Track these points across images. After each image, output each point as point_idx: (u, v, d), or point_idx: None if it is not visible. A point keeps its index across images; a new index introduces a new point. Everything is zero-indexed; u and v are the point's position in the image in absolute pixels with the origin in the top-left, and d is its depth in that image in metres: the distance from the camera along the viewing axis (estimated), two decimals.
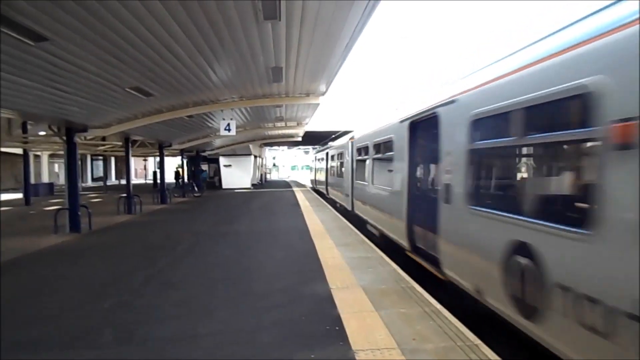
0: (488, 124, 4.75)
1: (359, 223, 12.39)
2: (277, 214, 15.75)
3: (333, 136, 28.25)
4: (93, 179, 43.76)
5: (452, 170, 5.56)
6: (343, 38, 7.89)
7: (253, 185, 35.60)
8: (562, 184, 3.97)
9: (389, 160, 8.88)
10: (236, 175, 33.58)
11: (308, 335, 4.32)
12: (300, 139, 31.53)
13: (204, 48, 7.78)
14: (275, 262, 7.73)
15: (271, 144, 44.90)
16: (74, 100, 9.67)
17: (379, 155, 10.09)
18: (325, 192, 23.86)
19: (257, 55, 8.58)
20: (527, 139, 3.95)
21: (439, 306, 5.08)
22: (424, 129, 7.07)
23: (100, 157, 42.72)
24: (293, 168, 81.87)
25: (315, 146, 43.66)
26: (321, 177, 26.63)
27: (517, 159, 4.73)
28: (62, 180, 15.59)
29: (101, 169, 44.35)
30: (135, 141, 21.27)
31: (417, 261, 7.17)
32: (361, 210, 12.44)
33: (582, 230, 3.06)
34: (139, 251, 9.15)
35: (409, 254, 7.62)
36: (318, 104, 14.14)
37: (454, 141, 5.49)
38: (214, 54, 8.26)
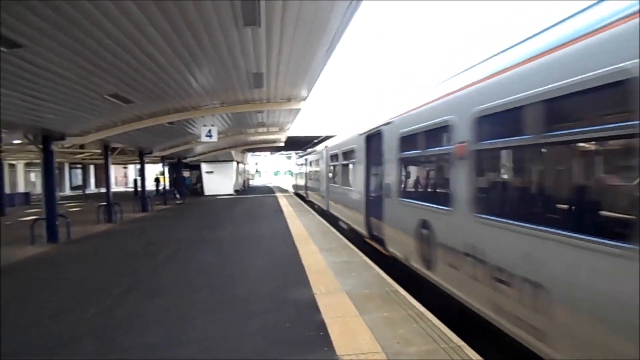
0: (409, 140, 6.71)
1: (334, 220, 14.23)
2: (260, 219, 15.67)
3: (315, 141, 29.00)
4: (72, 188, 42.82)
5: (390, 172, 7.65)
6: (323, 44, 7.93)
7: (236, 191, 35.38)
8: (438, 180, 6.16)
9: (353, 165, 11.07)
10: (218, 181, 33.33)
11: (292, 341, 4.31)
12: (282, 144, 31.43)
13: (183, 54, 7.72)
14: (258, 268, 7.68)
15: (253, 150, 44.68)
16: (50, 108, 9.47)
17: (346, 162, 12.13)
18: (305, 195, 26.38)
19: (237, 61, 8.56)
20: (426, 151, 6.15)
21: (422, 309, 5.11)
22: (374, 141, 8.85)
23: (79, 165, 41.91)
24: (276, 173, 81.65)
25: (298, 151, 43.80)
26: (301, 181, 29.55)
27: (422, 165, 6.96)
28: (39, 189, 15.23)
29: (80, 177, 43.50)
30: (115, 149, 20.98)
31: (391, 256, 7.23)
32: (334, 209, 14.50)
33: (448, 208, 5.15)
34: (119, 260, 8.97)
35: (367, 240, 9.57)
36: (299, 109, 14.16)
37: (391, 151, 7.55)
38: (194, 60, 8.20)
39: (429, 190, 6.46)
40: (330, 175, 15.25)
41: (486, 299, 4.19)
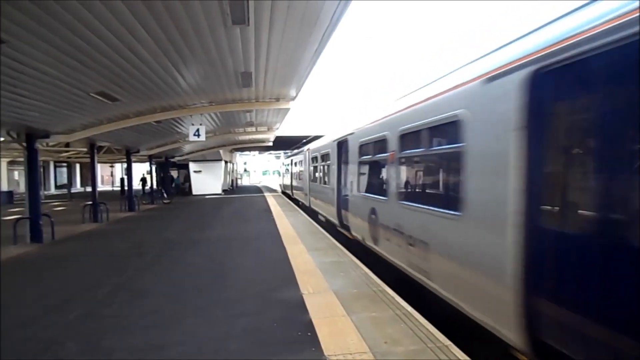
0: (364, 147, 8.85)
1: (314, 215, 16.27)
2: (249, 219, 15.61)
3: (304, 141, 29.23)
4: (57, 187, 42.20)
5: (352, 172, 9.81)
6: (312, 43, 7.92)
7: (224, 191, 35.23)
8: (380, 178, 7.92)
9: (328, 166, 13.29)
10: (206, 181, 33.17)
11: (279, 342, 4.29)
12: (271, 143, 31.37)
13: (171, 52, 7.64)
14: (246, 269, 7.64)
15: (242, 149, 44.49)
16: (35, 106, 9.30)
17: (323, 163, 14.27)
18: (290, 193, 28.71)
19: (226, 60, 8.50)
20: (374, 157, 8.20)
21: (410, 309, 5.14)
22: (343, 147, 10.89)
23: (64, 164, 41.24)
24: (264, 173, 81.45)
25: (287, 151, 43.82)
26: (287, 181, 31.88)
27: (372, 166, 8.73)
28: (22, 188, 14.94)
29: (65, 176, 42.82)
30: (101, 147, 20.70)
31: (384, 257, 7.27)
32: (314, 204, 16.75)
33: (385, 198, 7.19)
34: (105, 260, 8.86)
35: (340, 230, 11.58)
36: (288, 109, 14.09)
37: (353, 156, 9.63)
38: (181, 59, 8.12)
39: (375, 186, 8.22)
40: (311, 175, 17.60)
41: (405, 258, 6.23)
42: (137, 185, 30.76)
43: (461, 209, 4.53)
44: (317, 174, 15.92)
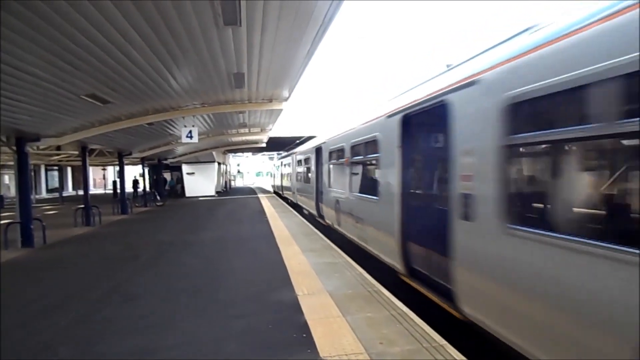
0: (332, 154, 11.48)
1: (298, 209, 19.39)
2: (243, 221, 15.56)
3: (297, 142, 29.45)
4: (48, 190, 41.77)
5: (325, 173, 12.48)
6: (305, 43, 7.90)
7: (217, 192, 35.11)
8: (342, 177, 10.24)
9: (309, 168, 16.18)
10: (199, 182, 33.05)
11: (274, 343, 4.27)
12: (264, 145, 31.30)
13: (162, 53, 7.59)
14: (241, 271, 7.61)
15: (235, 151, 44.39)
16: (24, 109, 9.19)
17: (307, 166, 17.02)
18: (280, 192, 31.89)
19: (218, 61, 8.46)
20: (338, 161, 10.64)
21: (405, 309, 5.13)
22: (319, 152, 13.57)
23: (56, 167, 40.88)
24: (258, 174, 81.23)
25: (280, 152, 43.85)
26: (277, 181, 35.35)
27: (337, 169, 11.07)
28: (13, 192, 14.76)
29: (57, 179, 42.45)
30: (93, 150, 20.52)
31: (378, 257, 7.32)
32: (300, 200, 19.89)
33: (344, 191, 9.89)
34: (98, 264, 8.78)
35: (318, 219, 14.34)
36: (281, 110, 14.07)
37: (325, 160, 12.42)
38: (173, 60, 8.07)
39: (339, 183, 10.72)
40: (297, 175, 20.60)
41: (355, 233, 8.85)
42: (129, 187, 30.49)
43: (377, 195, 7.31)
44: (301, 175, 19.22)
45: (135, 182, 31.30)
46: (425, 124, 5.90)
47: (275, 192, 37.00)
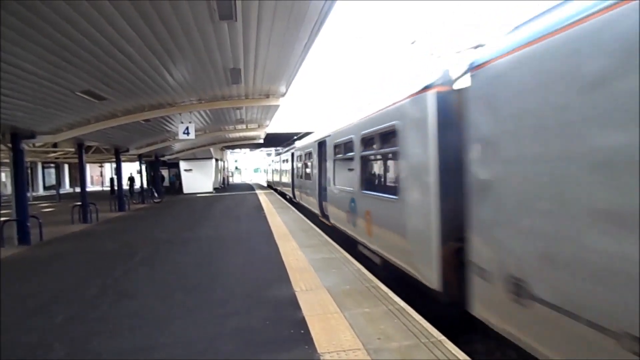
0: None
1: (291, 202, 20.69)
2: (240, 217, 15.53)
3: (295, 138, 29.48)
4: (45, 188, 41.62)
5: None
6: (301, 38, 7.85)
7: (215, 189, 35.08)
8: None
9: (310, 164, 15.44)
10: (197, 179, 33.03)
11: (272, 340, 4.25)
12: (262, 141, 31.27)
13: (158, 49, 7.52)
14: (238, 267, 7.59)
15: (232, 147, 44.29)
16: (19, 105, 9.12)
17: (307, 161, 16.53)
18: (278, 188, 31.73)
19: (214, 56, 8.40)
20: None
21: (403, 304, 5.12)
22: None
23: (53, 165, 40.68)
24: (256, 170, 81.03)
25: (278, 148, 43.85)
26: (276, 178, 34.56)
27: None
28: (9, 189, 14.66)
29: (54, 176, 42.24)
30: (89, 147, 20.45)
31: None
32: (299, 197, 19.36)
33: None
34: (94, 261, 8.73)
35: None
36: (278, 106, 14.02)
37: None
38: (169, 56, 8.01)
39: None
40: (296, 171, 19.87)
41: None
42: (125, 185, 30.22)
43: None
44: (301, 171, 18.97)
45: (131, 180, 30.86)
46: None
47: (270, 187, 39.71)
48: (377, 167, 7.92)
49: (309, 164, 15.45)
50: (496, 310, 3.71)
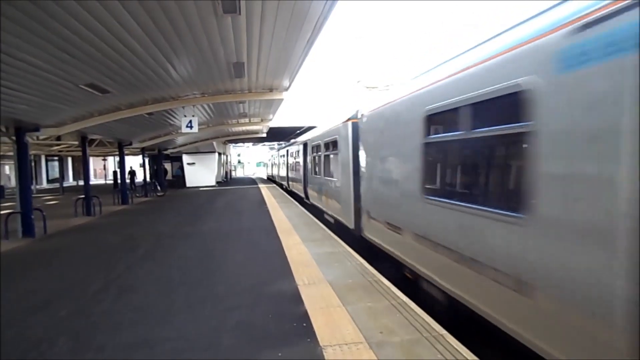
0: (314, 148, 14.32)
1: (291, 194, 22.60)
2: (243, 211, 15.57)
3: (297, 132, 29.56)
4: (48, 181, 41.78)
5: (309, 163, 15.45)
6: (305, 32, 7.82)
7: (218, 182, 35.13)
8: (327, 166, 12.23)
9: (298, 160, 19.40)
10: (200, 173, 33.07)
11: (275, 333, 4.28)
12: (265, 135, 31.25)
13: (161, 43, 7.51)
14: (241, 262, 7.62)
15: (235, 141, 44.28)
16: (22, 98, 9.13)
17: (297, 158, 20.13)
18: (276, 179, 36.16)
19: (217, 50, 8.39)
20: (321, 153, 13.03)
21: (405, 298, 5.14)
22: (305, 147, 16.52)
23: (56, 158, 40.86)
24: (259, 165, 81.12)
25: (281, 142, 43.91)
26: (275, 171, 38.57)
27: (319, 159, 13.20)
28: (13, 182, 14.73)
29: (57, 169, 42.43)
30: (93, 140, 20.49)
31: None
32: (291, 186, 23.64)
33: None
34: (97, 255, 8.79)
35: (305, 200, 17.44)
36: (282, 100, 14.00)
37: (309, 153, 15.34)
38: (172, 49, 8.00)
39: (323, 170, 12.70)
40: (289, 166, 24.33)
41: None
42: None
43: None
44: (292, 165, 22.89)
45: (132, 173, 30.28)
46: None
47: (269, 179, 44.76)
48: (328, 163, 12.03)
49: (298, 160, 19.92)
50: (366, 228, 8.20)
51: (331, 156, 11.59)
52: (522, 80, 3.40)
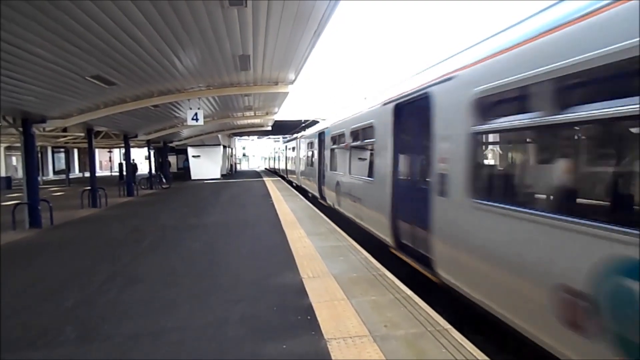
0: (309, 145, 17.71)
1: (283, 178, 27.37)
2: (248, 204, 15.60)
3: (302, 125, 29.64)
4: (55, 172, 42.04)
5: (302, 158, 20.08)
6: (311, 25, 7.78)
7: (223, 175, 35.22)
8: (324, 159, 14.07)
9: (295, 154, 22.23)
10: (205, 165, 33.18)
11: (279, 326, 4.29)
12: (270, 128, 31.26)
13: (168, 35, 7.50)
14: (245, 254, 7.64)
15: (240, 134, 44.37)
16: (30, 90, 9.17)
17: (294, 153, 23.09)
18: (277, 171, 39.94)
19: (223, 42, 8.37)
20: (312, 149, 16.87)
21: (409, 292, 5.14)
22: (299, 143, 21.28)
23: (62, 149, 41.02)
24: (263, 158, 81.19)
25: (285, 135, 43.95)
26: (276, 164, 42.00)
27: (312, 154, 16.96)
28: (20, 173, 14.79)
29: (63, 161, 42.62)
30: (98, 132, 20.56)
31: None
32: (290, 177, 26.65)
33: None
34: (103, 246, 8.84)
35: (282, 174, 27.96)
36: (287, 93, 13.97)
37: (302, 150, 20.26)
38: (178, 41, 7.98)
39: (317, 164, 14.65)
40: (287, 159, 27.64)
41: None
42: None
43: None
44: (290, 159, 26.27)
45: (134, 167, 29.01)
46: None
47: (270, 171, 48.61)
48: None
49: (295, 154, 22.93)
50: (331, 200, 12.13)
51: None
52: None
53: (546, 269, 3.12)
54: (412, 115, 6.44)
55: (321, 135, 14.53)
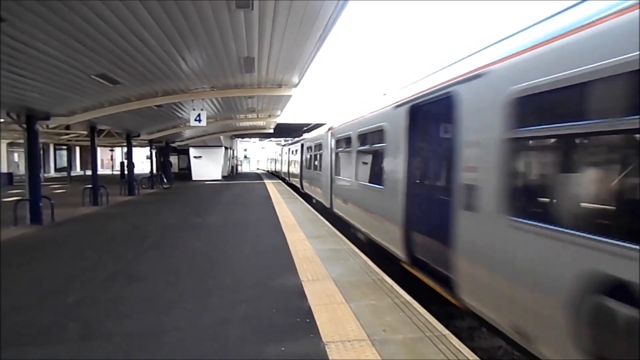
0: (308, 149, 18.44)
1: (292, 187, 24.42)
2: (248, 206, 15.62)
3: (305, 128, 29.68)
4: (56, 169, 42.16)
5: (303, 161, 19.74)
6: (317, 29, 7.83)
7: (224, 177, 35.25)
8: (316, 161, 15.80)
9: (296, 158, 22.53)
10: (207, 166, 33.26)
11: (278, 328, 4.30)
12: (272, 130, 31.32)
13: (174, 36, 7.56)
14: (245, 256, 7.65)
15: (242, 136, 44.42)
16: (35, 87, 9.23)
17: (295, 157, 23.61)
18: (277, 173, 40.21)
19: (229, 44, 8.42)
20: (309, 154, 18.36)
21: (408, 297, 5.15)
22: (300, 148, 21.20)
23: (64, 147, 41.12)
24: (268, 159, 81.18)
25: (287, 138, 44.03)
26: (277, 167, 41.13)
27: (307, 158, 18.86)
28: (22, 170, 14.79)
29: (65, 158, 42.73)
30: (101, 130, 20.62)
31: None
32: (290, 179, 26.54)
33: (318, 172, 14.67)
34: (104, 244, 8.86)
35: (300, 190, 20.73)
36: (290, 96, 14.02)
37: (302, 154, 20.59)
38: (184, 42, 8.04)
39: (311, 166, 15.14)
40: (288, 162, 27.85)
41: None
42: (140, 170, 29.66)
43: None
44: (290, 162, 26.43)
45: (131, 167, 27.76)
46: None
47: (271, 173, 49.12)
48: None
49: (295, 157, 23.34)
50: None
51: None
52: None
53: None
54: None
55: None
